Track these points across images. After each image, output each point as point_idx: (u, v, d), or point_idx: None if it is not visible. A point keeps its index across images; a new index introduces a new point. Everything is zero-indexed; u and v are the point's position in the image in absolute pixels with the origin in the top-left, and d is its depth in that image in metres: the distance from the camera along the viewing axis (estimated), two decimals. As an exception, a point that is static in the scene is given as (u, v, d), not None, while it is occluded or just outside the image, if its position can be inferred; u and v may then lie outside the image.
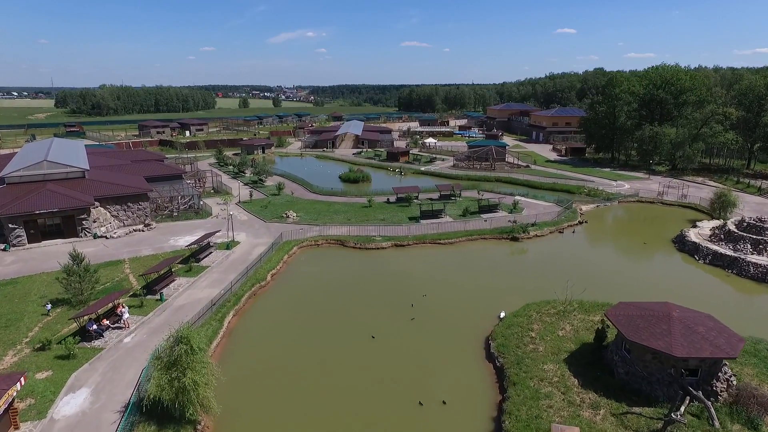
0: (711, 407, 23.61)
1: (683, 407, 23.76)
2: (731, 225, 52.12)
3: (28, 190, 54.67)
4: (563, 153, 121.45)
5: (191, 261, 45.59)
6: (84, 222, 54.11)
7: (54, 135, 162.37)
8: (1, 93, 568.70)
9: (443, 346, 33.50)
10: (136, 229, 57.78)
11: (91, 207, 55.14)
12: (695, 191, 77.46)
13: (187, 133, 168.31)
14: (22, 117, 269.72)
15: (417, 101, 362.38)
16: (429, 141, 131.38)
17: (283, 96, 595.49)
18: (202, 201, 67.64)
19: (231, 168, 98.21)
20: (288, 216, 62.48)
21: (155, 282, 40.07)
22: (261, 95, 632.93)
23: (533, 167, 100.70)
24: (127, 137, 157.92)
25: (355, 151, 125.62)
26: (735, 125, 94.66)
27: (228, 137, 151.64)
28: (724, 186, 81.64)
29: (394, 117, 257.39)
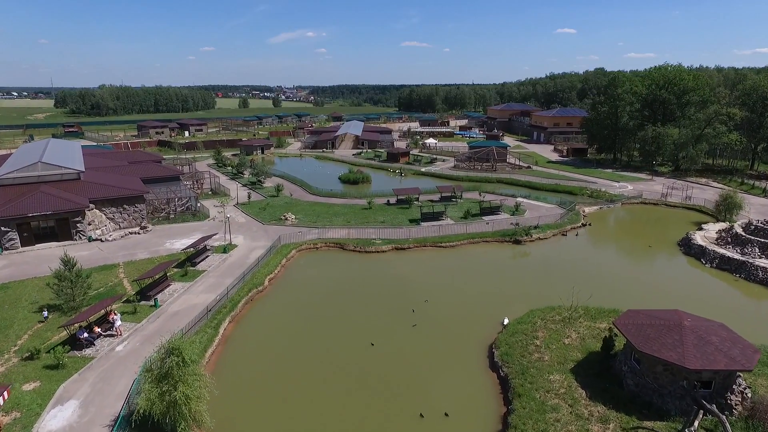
0: (726, 422, 22.60)
1: (696, 422, 22.77)
2: (738, 228, 51.11)
3: (21, 192, 53.67)
4: (565, 154, 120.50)
5: (187, 265, 44.57)
6: (78, 225, 53.11)
7: (52, 135, 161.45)
8: (1, 93, 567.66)
9: (445, 353, 32.50)
10: (131, 232, 56.78)
11: (86, 209, 54.15)
12: (699, 192, 76.45)
13: (186, 134, 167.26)
14: (21, 117, 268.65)
15: (417, 101, 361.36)
16: (429, 141, 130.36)
17: (283, 96, 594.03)
18: (199, 203, 66.63)
19: (229, 169, 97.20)
20: (286, 218, 61.48)
21: (149, 287, 39.06)
22: (261, 95, 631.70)
23: (535, 168, 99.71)
24: (126, 138, 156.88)
25: (355, 152, 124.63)
26: (739, 126, 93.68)
27: (227, 138, 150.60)
28: (728, 187, 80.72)
29: (394, 117, 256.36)
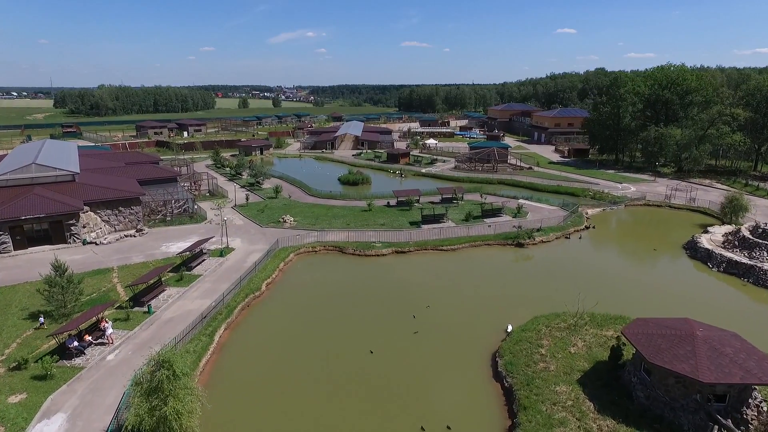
0: (741, 437, 21.66)
1: (711, 437, 21.80)
2: (745, 231, 50.09)
3: (14, 194, 52.64)
4: (566, 154, 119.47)
5: (182, 269, 43.51)
6: (73, 228, 52.10)
7: (50, 136, 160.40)
8: (1, 93, 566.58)
9: (447, 362, 31.50)
10: (127, 235, 55.78)
11: (81, 212, 53.15)
12: (703, 194, 75.43)
13: (185, 134, 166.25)
14: (20, 117, 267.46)
15: (417, 101, 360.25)
16: (430, 142, 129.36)
17: (283, 96, 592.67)
18: (196, 205, 65.61)
19: (228, 170, 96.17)
20: (285, 221, 60.46)
21: (143, 293, 38.03)
22: (261, 95, 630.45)
23: (536, 169, 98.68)
24: (125, 138, 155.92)
25: (355, 153, 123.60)
26: (743, 126, 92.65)
27: (226, 138, 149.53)
28: (732, 189, 79.78)
29: (394, 117, 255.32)
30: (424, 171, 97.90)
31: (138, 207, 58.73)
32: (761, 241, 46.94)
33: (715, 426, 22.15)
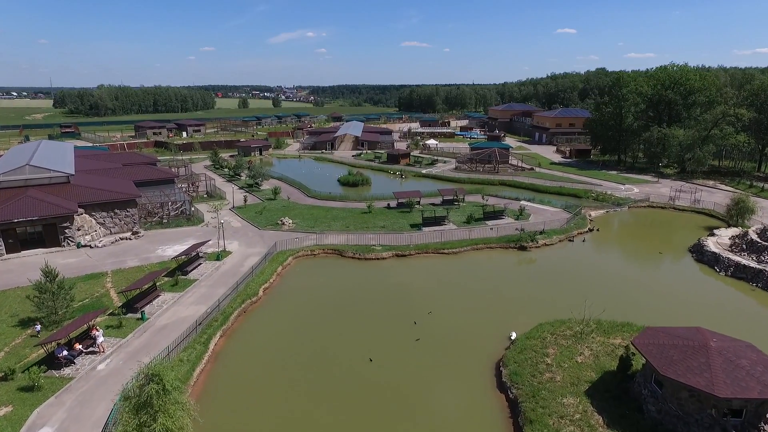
0: (759, 455, 20.65)
1: (727, 455, 20.80)
2: (753, 234, 49.06)
3: (7, 196, 51.60)
4: (568, 155, 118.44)
5: (177, 274, 42.49)
6: (67, 230, 51.07)
7: (48, 136, 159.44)
8: (1, 93, 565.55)
9: (449, 371, 30.49)
10: (123, 238, 54.76)
11: (75, 214, 52.13)
12: (707, 196, 74.39)
13: (184, 134, 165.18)
14: (19, 117, 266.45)
15: (417, 101, 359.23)
16: (430, 142, 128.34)
17: (283, 96, 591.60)
18: (193, 207, 64.60)
19: (226, 171, 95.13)
20: (283, 223, 59.44)
21: (137, 299, 37.03)
22: (261, 95, 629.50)
23: (537, 170, 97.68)
24: (123, 138, 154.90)
25: (355, 153, 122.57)
26: (747, 127, 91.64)
27: (225, 138, 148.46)
28: (736, 190, 78.79)
29: (394, 117, 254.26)
30: (424, 172, 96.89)
31: (134, 209, 57.73)
32: (770, 245, 45.90)
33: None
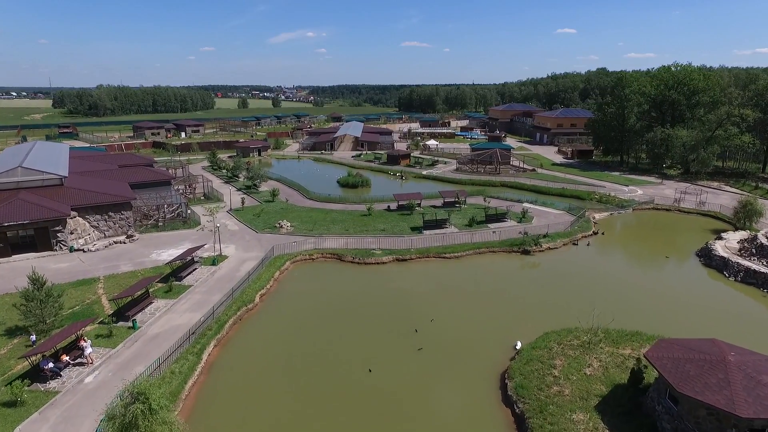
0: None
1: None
2: (763, 238, 47.82)
3: (-1, 199, 50.48)
4: (569, 155, 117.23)
5: (171, 280, 41.24)
6: (59, 234, 49.87)
7: (46, 136, 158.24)
8: (0, 93, 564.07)
9: (452, 383, 29.27)
10: (117, 241, 53.55)
11: (68, 217, 50.92)
12: (712, 198, 73.19)
13: (183, 135, 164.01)
14: (18, 118, 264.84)
15: (417, 101, 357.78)
16: (430, 143, 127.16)
17: (283, 96, 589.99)
18: (189, 209, 63.35)
19: (224, 172, 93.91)
20: (281, 226, 58.22)
21: (128, 306, 35.82)
22: (261, 95, 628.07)
23: (539, 171, 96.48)
24: (121, 139, 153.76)
25: (354, 154, 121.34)
26: (751, 127, 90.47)
27: (224, 139, 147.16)
28: (741, 192, 77.63)
29: (394, 117, 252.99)
30: (425, 173, 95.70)
31: (129, 212, 56.53)
32: (780, 249, 44.72)
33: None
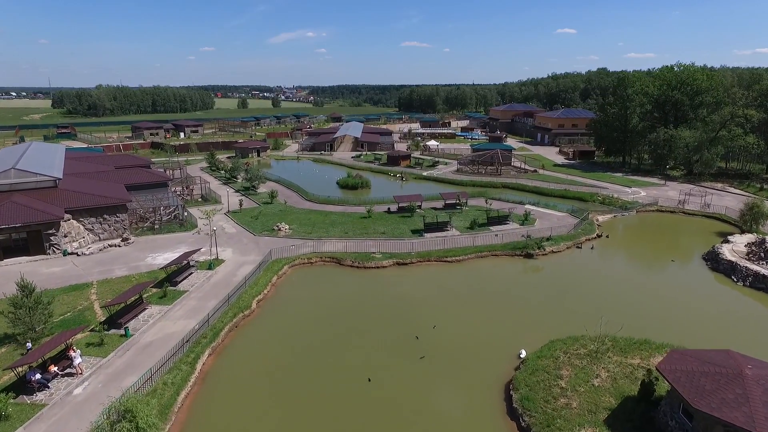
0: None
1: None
2: (771, 241, 46.84)
3: (-9, 201, 49.43)
4: (571, 156, 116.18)
5: (166, 285, 40.18)
6: (52, 238, 48.83)
7: (44, 137, 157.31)
8: (0, 93, 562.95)
9: (454, 394, 28.25)
10: (112, 244, 52.50)
11: (62, 220, 49.89)
12: (717, 199, 72.16)
13: (182, 135, 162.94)
14: (17, 118, 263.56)
15: (417, 101, 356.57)
16: (431, 144, 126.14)
17: (283, 96, 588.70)
18: (186, 212, 62.30)
19: (223, 173, 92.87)
20: (280, 229, 57.17)
21: (121, 313, 34.77)
22: (260, 95, 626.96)
23: (541, 172, 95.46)
24: (120, 139, 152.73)
25: (354, 154, 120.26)
26: (755, 128, 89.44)
27: (223, 139, 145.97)
28: (746, 193, 76.68)
29: (394, 117, 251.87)
30: (425, 174, 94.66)
31: (124, 214, 55.50)
32: (790, 253, 43.73)
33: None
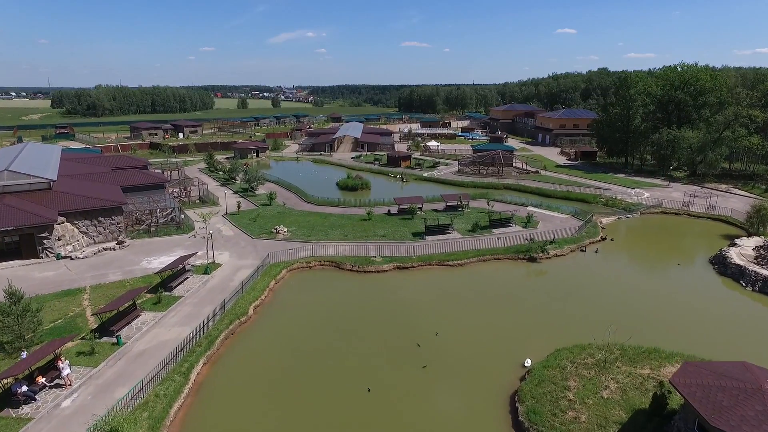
0: None
1: None
2: (780, 245, 45.83)
3: (-17, 204, 48.42)
4: (573, 157, 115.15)
5: (160, 291, 39.11)
6: (45, 241, 47.80)
7: (42, 137, 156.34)
8: (0, 93, 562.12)
9: (457, 405, 27.22)
10: (107, 248, 51.48)
11: (56, 223, 48.86)
12: (722, 201, 71.14)
13: (181, 135, 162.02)
14: (16, 118, 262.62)
15: (417, 102, 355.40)
16: (431, 144, 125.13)
17: (283, 96, 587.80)
18: (182, 214, 61.25)
19: (221, 174, 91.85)
20: (278, 231, 56.15)
21: (113, 320, 33.74)
22: (260, 95, 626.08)
23: (543, 173, 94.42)
24: (118, 139, 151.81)
25: (354, 155, 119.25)
26: (761, 128, 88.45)
27: (222, 140, 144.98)
28: (751, 195, 75.69)
29: (394, 118, 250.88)
30: (426, 175, 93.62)
31: (119, 217, 54.46)
32: (800, 258, 42.70)
33: None
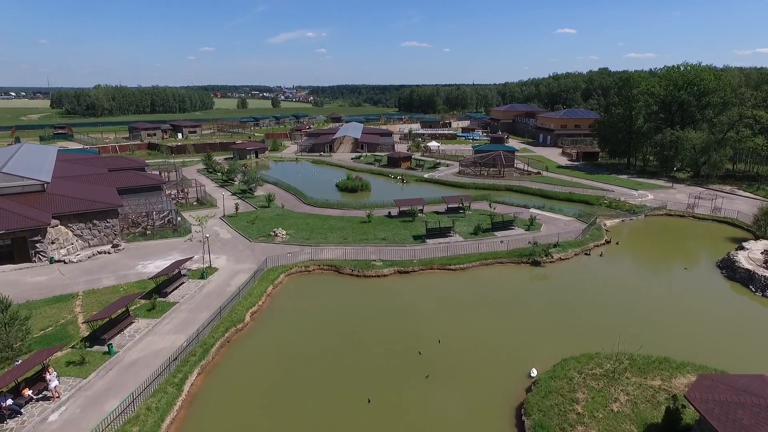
0: None
1: None
2: (790, 249, 44.80)
3: (-26, 207, 47.37)
4: (574, 158, 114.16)
5: (155, 297, 38.07)
6: (38, 245, 46.76)
7: (40, 137, 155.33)
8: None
9: (461, 418, 26.17)
10: (101, 251, 50.43)
11: (49, 226, 47.82)
12: (727, 203, 70.03)
13: (180, 136, 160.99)
14: (14, 118, 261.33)
15: (418, 102, 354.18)
16: (432, 144, 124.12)
17: (282, 96, 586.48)
18: (179, 217, 60.20)
19: (219, 175, 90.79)
20: (276, 234, 55.10)
21: (105, 328, 32.69)
22: (260, 95, 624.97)
23: (545, 174, 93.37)
24: (117, 140, 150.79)
25: (354, 156, 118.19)
26: (765, 129, 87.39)
27: (221, 140, 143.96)
28: (756, 196, 74.71)
29: (394, 118, 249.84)
30: (426, 176, 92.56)
31: (115, 219, 53.43)
32: (811, 262, 41.67)
33: None
